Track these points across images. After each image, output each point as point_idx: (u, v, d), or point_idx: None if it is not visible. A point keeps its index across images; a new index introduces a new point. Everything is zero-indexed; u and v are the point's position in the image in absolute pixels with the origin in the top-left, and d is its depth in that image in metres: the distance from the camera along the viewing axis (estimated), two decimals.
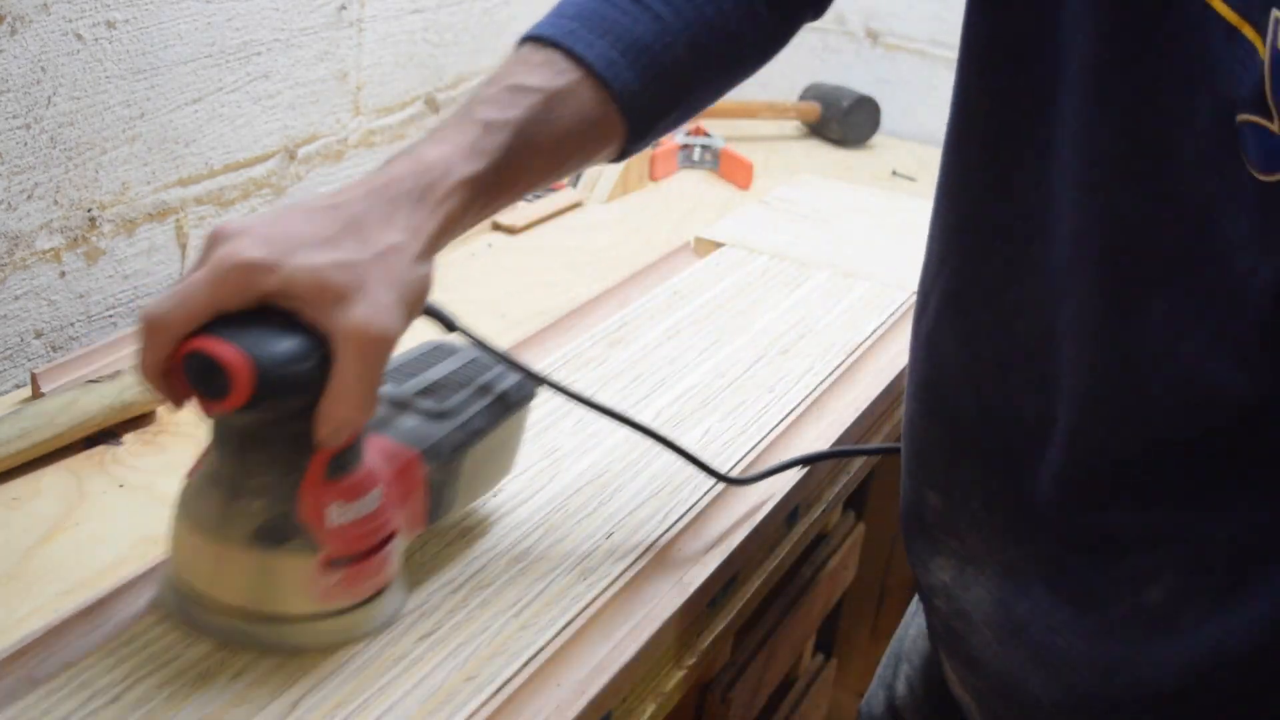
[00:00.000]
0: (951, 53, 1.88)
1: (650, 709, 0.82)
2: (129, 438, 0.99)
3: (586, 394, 0.86)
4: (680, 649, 0.87)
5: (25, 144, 1.03)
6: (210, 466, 0.71)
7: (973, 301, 0.72)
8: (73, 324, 1.12)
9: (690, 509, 0.91)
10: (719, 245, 1.37)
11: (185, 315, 0.64)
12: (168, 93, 1.15)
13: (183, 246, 1.21)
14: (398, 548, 0.76)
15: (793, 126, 1.94)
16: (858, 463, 1.12)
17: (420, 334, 0.78)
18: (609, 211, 1.54)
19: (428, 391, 0.81)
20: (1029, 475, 0.70)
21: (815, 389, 1.09)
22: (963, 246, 0.73)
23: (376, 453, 0.74)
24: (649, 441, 0.89)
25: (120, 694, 0.70)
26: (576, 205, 1.54)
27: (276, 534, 0.70)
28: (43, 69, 1.02)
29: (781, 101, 1.92)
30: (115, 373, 1.00)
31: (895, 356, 1.19)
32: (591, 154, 0.81)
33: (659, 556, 0.87)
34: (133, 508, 0.91)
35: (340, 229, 0.67)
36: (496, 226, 1.45)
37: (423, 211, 0.71)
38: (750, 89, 2.11)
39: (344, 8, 1.33)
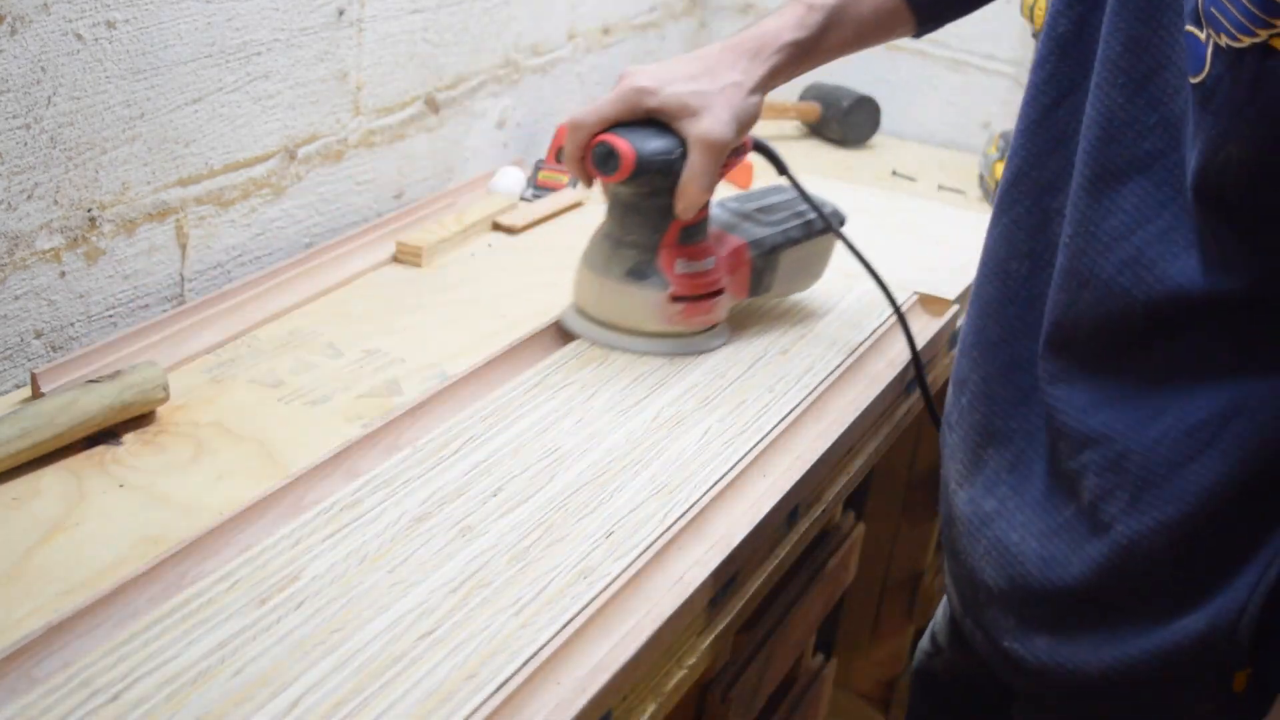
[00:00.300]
0: (951, 53, 1.89)
1: (650, 708, 0.82)
2: (129, 438, 0.99)
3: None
4: (680, 649, 0.87)
5: (25, 144, 1.03)
6: (603, 228, 1.10)
7: (1020, 194, 0.85)
8: (73, 324, 1.12)
9: (690, 509, 0.91)
10: None
11: (596, 119, 1.04)
12: (168, 93, 1.15)
13: (183, 246, 1.21)
14: (723, 303, 1.13)
15: (793, 126, 1.94)
16: (858, 462, 1.12)
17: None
18: None
19: (760, 210, 1.18)
20: (1030, 348, 0.82)
21: (815, 389, 1.09)
22: (1022, 149, 0.85)
23: (717, 238, 1.12)
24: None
25: (120, 693, 0.70)
26: (576, 205, 1.54)
27: (640, 274, 1.08)
28: (43, 69, 1.02)
29: (781, 101, 1.91)
30: (115, 373, 1.00)
31: (895, 356, 1.19)
32: (885, 37, 1.11)
33: (659, 556, 0.87)
34: (133, 508, 0.91)
35: (700, 71, 1.03)
36: (496, 226, 1.45)
37: (756, 62, 1.04)
38: None
39: (344, 10, 1.33)
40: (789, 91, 2.01)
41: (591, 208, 1.54)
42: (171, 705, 0.70)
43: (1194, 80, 0.69)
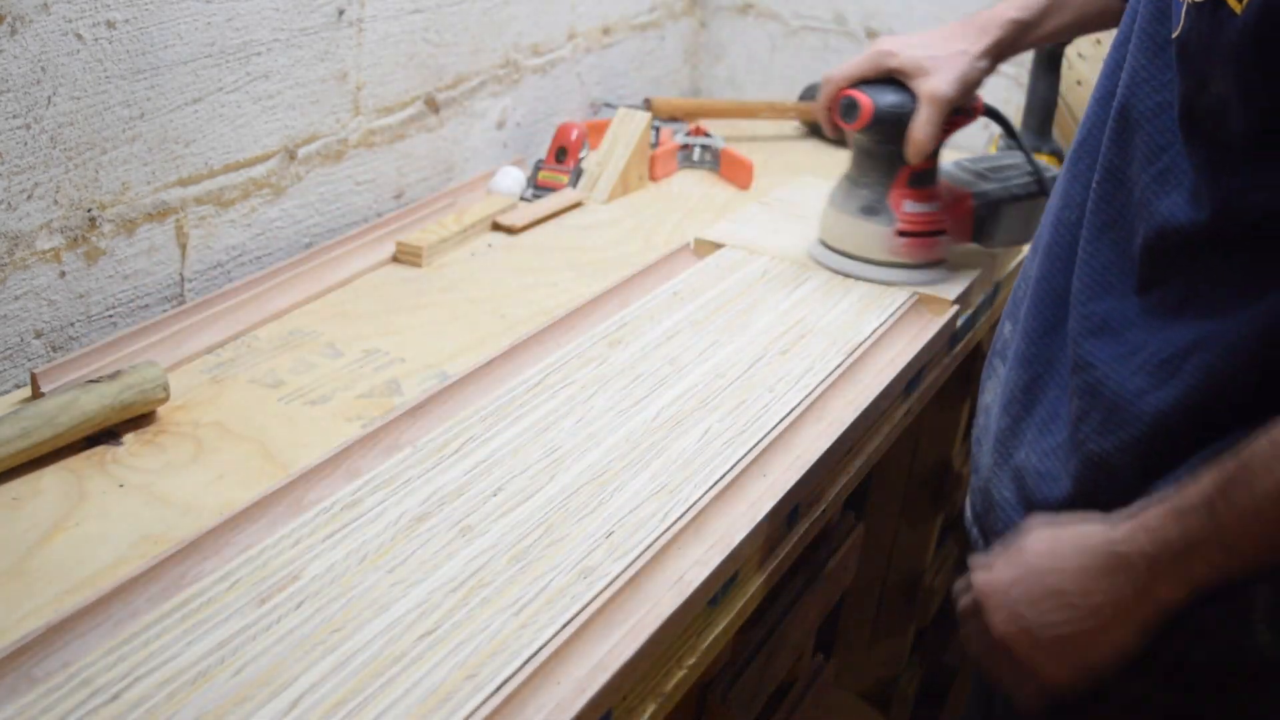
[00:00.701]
0: None
1: (650, 708, 0.82)
2: (129, 438, 0.99)
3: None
4: (680, 649, 0.87)
5: (25, 144, 1.03)
6: (847, 171, 1.29)
7: (1083, 153, 0.93)
8: (73, 324, 1.12)
9: (690, 509, 0.91)
10: (719, 246, 1.37)
11: (844, 75, 1.24)
12: (168, 93, 1.15)
13: (182, 246, 1.21)
14: (945, 242, 1.29)
15: (793, 126, 1.94)
16: (858, 462, 1.12)
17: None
18: (609, 211, 1.54)
19: (991, 169, 1.34)
20: (1066, 284, 0.91)
21: (815, 389, 1.09)
22: (1091, 114, 0.94)
23: (946, 188, 1.29)
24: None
25: (120, 692, 0.70)
26: (576, 205, 1.54)
27: (873, 210, 1.26)
28: (43, 69, 1.02)
29: (781, 101, 1.92)
30: (115, 373, 1.00)
31: (895, 356, 1.19)
32: (1107, 25, 1.19)
33: (659, 556, 0.87)
34: (133, 508, 0.91)
35: (936, 40, 1.22)
36: (496, 226, 1.45)
37: (983, 34, 1.21)
38: (750, 89, 2.12)
39: (344, 10, 1.33)
40: (790, 92, 2.01)
41: (592, 207, 1.54)
42: (171, 705, 0.70)
43: (1174, 36, 0.80)
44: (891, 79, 1.23)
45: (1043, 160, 1.33)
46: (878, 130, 1.23)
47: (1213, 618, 0.80)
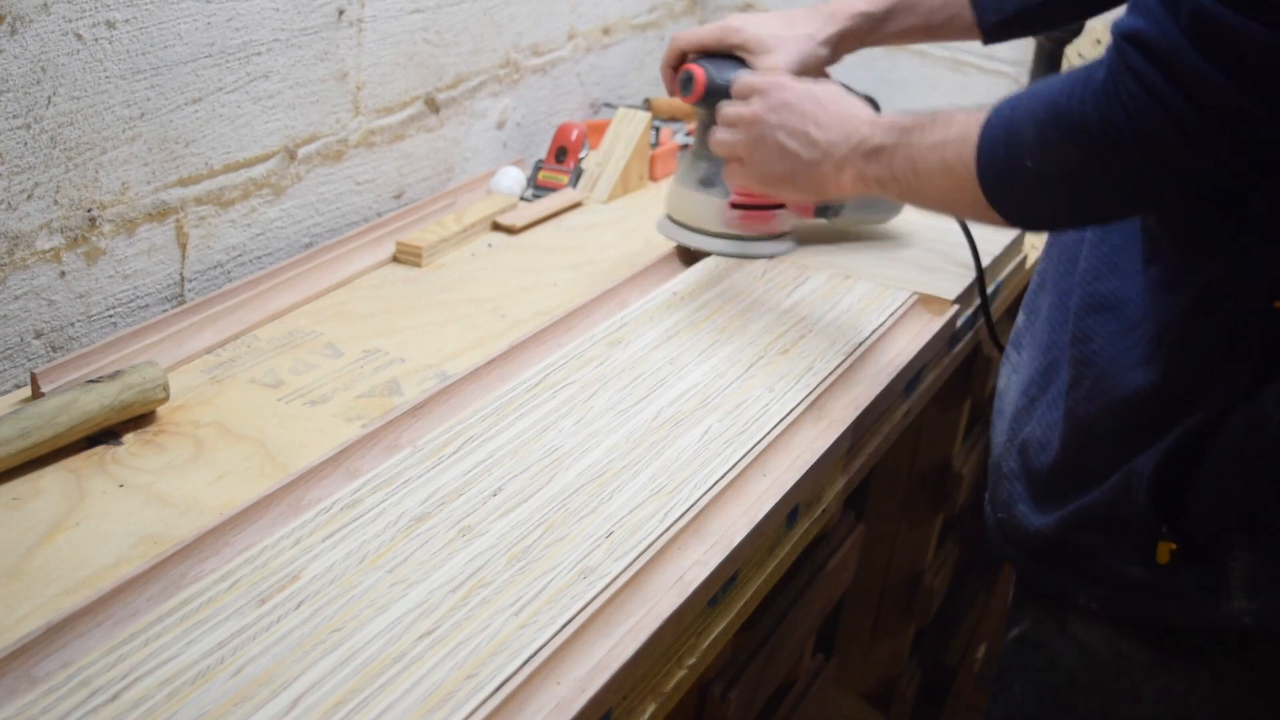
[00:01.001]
0: (951, 53, 1.89)
1: (650, 708, 0.82)
2: (129, 438, 0.99)
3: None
4: (680, 649, 0.87)
5: (25, 144, 1.03)
6: (692, 144, 1.30)
7: None
8: (73, 324, 1.12)
9: (690, 509, 0.91)
10: None
11: (687, 40, 1.23)
12: (168, 93, 1.15)
13: (182, 246, 1.21)
14: (784, 216, 1.30)
15: None
16: (858, 462, 1.12)
17: None
18: (609, 211, 1.54)
19: None
20: (1075, 264, 0.96)
21: (815, 389, 1.09)
22: None
23: None
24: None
25: (120, 692, 0.70)
26: (576, 205, 1.54)
27: (709, 182, 1.28)
28: (43, 69, 1.02)
29: None
30: (115, 373, 1.00)
31: (895, 356, 1.19)
32: (955, 36, 1.23)
33: (659, 556, 0.87)
34: (133, 508, 0.91)
35: (782, 21, 1.22)
36: (496, 226, 1.45)
37: (830, 22, 1.21)
38: None
39: (344, 10, 1.33)
40: None
41: (592, 207, 1.55)
42: (171, 705, 0.70)
43: None
44: (733, 54, 1.22)
45: None
46: (712, 104, 1.21)
47: (1190, 584, 0.87)
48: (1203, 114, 0.73)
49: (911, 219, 1.49)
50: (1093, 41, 1.73)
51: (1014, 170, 0.86)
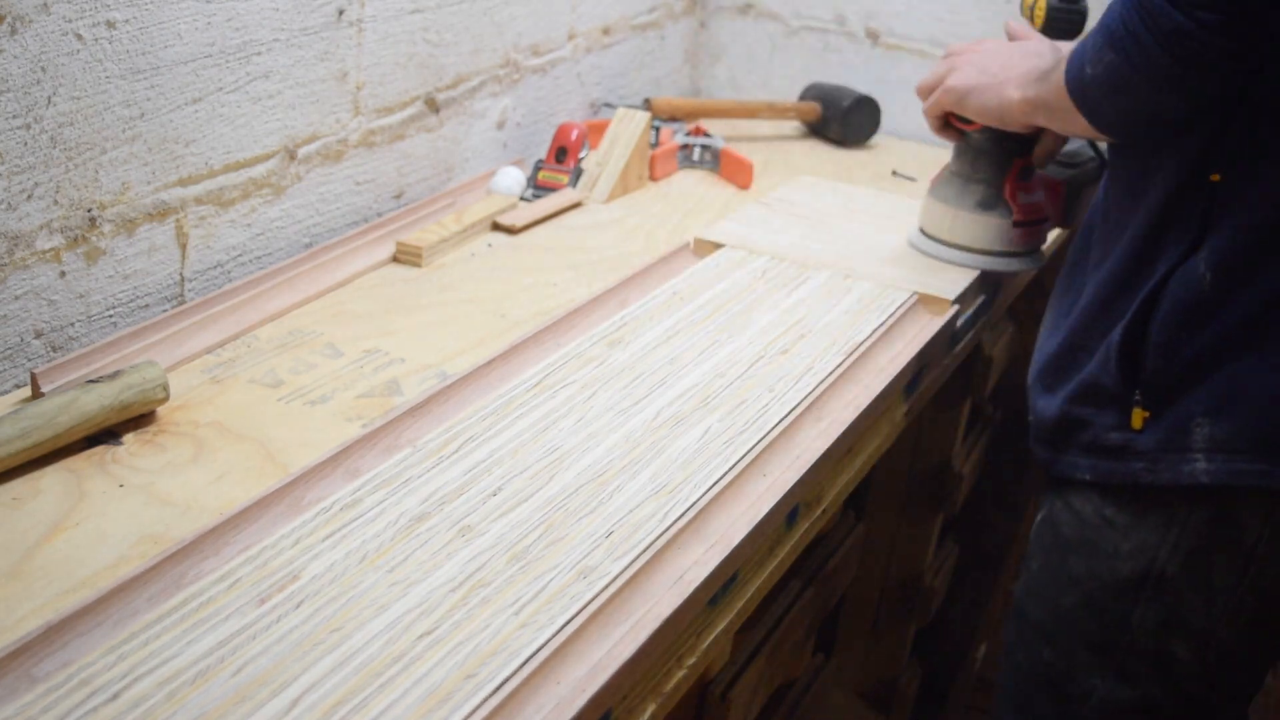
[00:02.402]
0: None
1: (650, 708, 0.82)
2: (129, 438, 0.99)
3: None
4: (680, 648, 0.87)
5: (25, 144, 1.03)
6: (952, 168, 1.37)
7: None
8: (73, 324, 1.12)
9: (690, 508, 0.91)
10: (719, 246, 1.37)
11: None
12: (168, 93, 1.15)
13: (183, 246, 1.21)
14: (1047, 229, 1.39)
15: (792, 126, 1.94)
16: (858, 462, 1.12)
17: None
18: (609, 211, 1.54)
19: (1064, 157, 1.43)
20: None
21: (815, 389, 1.09)
22: None
23: (1041, 178, 1.38)
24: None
25: (120, 692, 0.70)
26: (576, 205, 1.54)
27: (989, 205, 1.34)
28: (43, 69, 1.03)
29: (781, 101, 1.92)
30: (115, 373, 1.00)
31: (895, 356, 1.19)
32: None
33: (659, 556, 0.87)
34: (133, 508, 0.91)
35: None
36: (496, 226, 1.45)
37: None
38: (750, 89, 2.12)
39: (344, 10, 1.33)
40: (790, 92, 2.01)
41: (592, 207, 1.55)
42: (171, 704, 0.70)
43: None
44: None
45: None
46: (990, 132, 1.30)
47: (1158, 446, 1.02)
48: (1201, 11, 0.89)
49: (913, 218, 1.49)
50: None
51: (1083, 79, 1.03)
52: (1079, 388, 1.07)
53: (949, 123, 1.33)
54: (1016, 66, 1.19)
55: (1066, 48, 1.19)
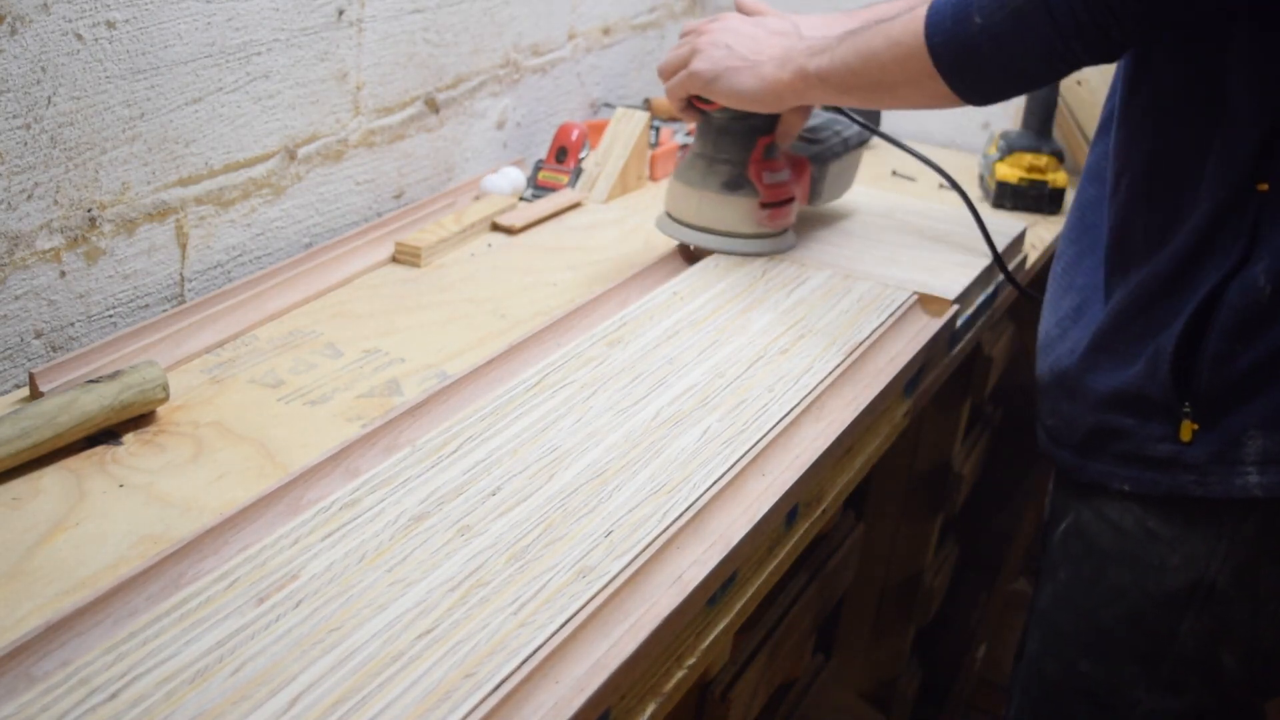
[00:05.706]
0: None
1: (650, 708, 0.82)
2: (129, 438, 0.99)
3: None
4: (680, 648, 0.87)
5: (25, 144, 1.03)
6: (695, 149, 1.32)
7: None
8: (73, 324, 1.12)
9: (689, 508, 0.91)
10: None
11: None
12: (168, 93, 1.15)
13: (182, 246, 1.21)
14: (795, 208, 1.35)
15: None
16: (858, 462, 1.12)
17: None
18: (609, 211, 1.54)
19: (806, 131, 1.39)
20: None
21: (815, 389, 1.09)
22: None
23: (787, 156, 1.34)
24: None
25: (119, 691, 0.70)
26: (576, 205, 1.54)
27: (735, 185, 1.30)
28: (43, 69, 1.03)
29: None
30: (115, 373, 1.00)
31: (895, 356, 1.19)
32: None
33: (658, 555, 0.87)
34: (133, 508, 0.91)
35: (813, 23, 1.27)
36: (496, 226, 1.46)
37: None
38: None
39: (344, 10, 1.33)
40: None
41: (592, 207, 1.55)
42: (170, 704, 0.70)
43: None
44: None
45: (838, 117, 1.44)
46: (731, 110, 1.26)
47: (1209, 460, 0.98)
48: None
49: (913, 218, 1.49)
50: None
51: (960, 30, 0.98)
52: (1116, 396, 1.03)
53: (691, 103, 1.29)
54: (770, 46, 1.16)
55: (807, 23, 1.20)
